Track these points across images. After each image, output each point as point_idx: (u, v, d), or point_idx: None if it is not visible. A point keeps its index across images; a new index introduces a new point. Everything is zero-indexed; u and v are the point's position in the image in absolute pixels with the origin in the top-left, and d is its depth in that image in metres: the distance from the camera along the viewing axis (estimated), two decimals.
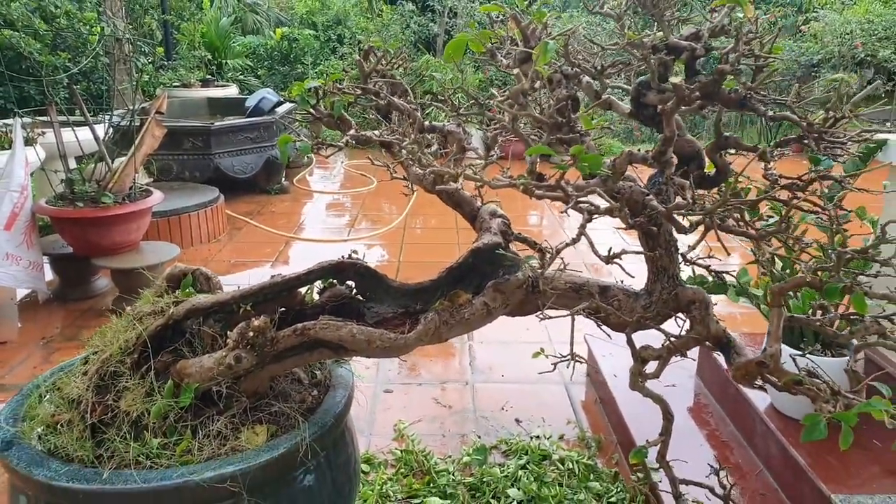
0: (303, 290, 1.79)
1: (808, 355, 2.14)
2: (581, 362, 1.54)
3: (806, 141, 1.36)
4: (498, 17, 1.69)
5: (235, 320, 1.65)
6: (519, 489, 2.58)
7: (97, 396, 1.58)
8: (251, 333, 1.54)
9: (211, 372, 1.57)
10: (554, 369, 1.58)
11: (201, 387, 1.59)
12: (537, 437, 2.98)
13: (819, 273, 1.37)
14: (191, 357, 1.65)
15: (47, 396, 1.68)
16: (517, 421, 3.13)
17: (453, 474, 2.68)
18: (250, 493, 1.48)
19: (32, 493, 1.50)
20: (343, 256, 1.77)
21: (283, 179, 7.67)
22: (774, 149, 1.42)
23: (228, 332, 1.60)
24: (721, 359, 2.93)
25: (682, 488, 1.72)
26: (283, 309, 1.68)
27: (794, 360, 1.68)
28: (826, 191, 1.67)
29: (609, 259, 1.32)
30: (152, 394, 1.58)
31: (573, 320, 1.49)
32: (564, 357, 1.53)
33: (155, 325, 1.65)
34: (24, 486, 1.50)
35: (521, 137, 1.44)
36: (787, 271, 2.34)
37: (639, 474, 2.47)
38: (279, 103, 7.82)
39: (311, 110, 1.86)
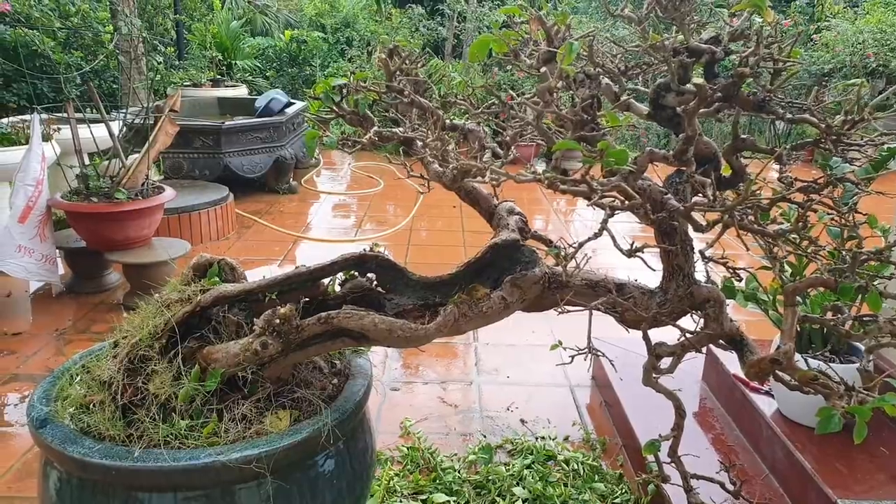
0: (325, 280, 1.82)
1: (818, 359, 2.18)
2: (599, 355, 1.57)
3: (823, 144, 1.40)
4: (518, 20, 1.72)
5: (260, 309, 1.69)
6: (524, 488, 2.60)
7: (127, 379, 1.62)
8: (277, 321, 1.58)
9: (237, 358, 1.61)
10: (572, 361, 1.61)
11: (227, 372, 1.63)
12: (542, 437, 3.00)
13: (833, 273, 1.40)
14: (216, 343, 1.68)
15: (78, 378, 1.72)
16: (522, 421, 3.16)
17: (459, 472, 2.71)
18: (273, 475, 1.52)
19: (65, 470, 1.53)
20: (365, 249, 1.81)
21: (292, 180, 7.72)
22: (791, 151, 1.46)
23: (255, 320, 1.64)
24: (727, 364, 2.97)
25: (692, 484, 1.75)
26: (306, 299, 1.72)
27: (806, 361, 1.71)
28: (840, 197, 1.71)
29: (631, 253, 1.35)
30: (180, 378, 1.62)
31: (591, 315, 1.52)
32: (582, 350, 1.57)
33: (182, 312, 1.68)
34: (57, 462, 1.54)
35: (543, 135, 1.47)
36: (797, 278, 2.38)
37: (644, 476, 2.49)
38: (288, 104, 7.89)
39: (335, 107, 1.90)
